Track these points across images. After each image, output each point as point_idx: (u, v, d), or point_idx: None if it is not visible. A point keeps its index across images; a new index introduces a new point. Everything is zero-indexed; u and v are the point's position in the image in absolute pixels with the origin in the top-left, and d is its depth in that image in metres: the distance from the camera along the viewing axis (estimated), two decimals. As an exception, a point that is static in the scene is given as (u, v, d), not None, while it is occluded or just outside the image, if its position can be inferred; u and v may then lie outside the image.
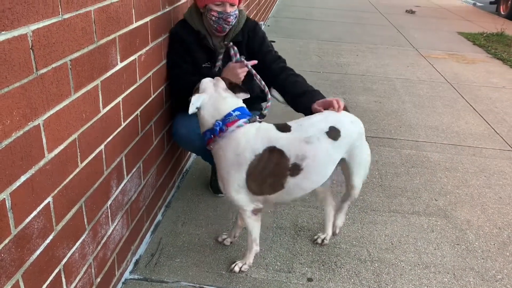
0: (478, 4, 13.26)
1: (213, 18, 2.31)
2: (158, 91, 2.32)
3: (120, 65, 1.82)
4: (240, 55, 2.48)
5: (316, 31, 7.61)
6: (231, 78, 2.31)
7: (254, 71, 2.37)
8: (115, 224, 1.94)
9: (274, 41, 6.76)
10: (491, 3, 11.64)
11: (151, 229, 2.45)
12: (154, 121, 2.31)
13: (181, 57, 2.37)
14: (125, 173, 2.00)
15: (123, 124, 1.92)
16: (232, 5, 2.33)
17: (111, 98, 1.78)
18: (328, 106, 2.15)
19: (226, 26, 2.37)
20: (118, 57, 1.80)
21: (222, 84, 2.02)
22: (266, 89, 2.21)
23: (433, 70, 5.81)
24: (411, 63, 6.07)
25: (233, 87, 2.02)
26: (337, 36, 7.34)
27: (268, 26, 7.89)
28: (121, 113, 1.88)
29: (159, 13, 2.23)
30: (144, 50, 2.07)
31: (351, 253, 2.37)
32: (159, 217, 2.55)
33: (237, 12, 2.41)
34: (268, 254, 2.31)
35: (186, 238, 2.40)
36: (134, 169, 2.11)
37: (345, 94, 4.73)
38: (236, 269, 2.16)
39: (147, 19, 2.08)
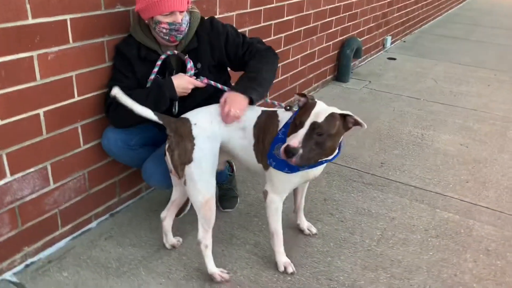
0: None
1: (164, 31, 2.07)
2: (90, 94, 2.20)
3: (-9, 61, 1.76)
4: (197, 62, 2.21)
5: (458, 53, 6.47)
6: (179, 89, 2.12)
7: (213, 83, 2.18)
8: (-20, 220, 1.90)
9: (394, 58, 6.04)
10: None
11: (73, 235, 2.35)
12: (81, 125, 2.20)
13: (121, 72, 2.18)
14: (7, 172, 1.94)
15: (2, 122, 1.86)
16: (181, 12, 2.07)
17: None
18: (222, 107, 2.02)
19: (179, 36, 2.12)
20: (-13, 52, 1.74)
21: None
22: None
23: None
24: (561, 103, 4.65)
25: None
26: (479, 60, 6.11)
27: (404, 42, 7.04)
28: (-3, 110, 1.83)
29: (96, 12, 2.10)
30: (55, 49, 1.97)
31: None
32: (92, 224, 2.44)
33: (187, 17, 2.13)
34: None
35: (96, 254, 2.24)
36: (31, 170, 2.03)
37: (426, 129, 3.87)
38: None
39: (65, 17, 1.98)
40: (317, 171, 2.04)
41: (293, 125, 1.82)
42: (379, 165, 3.23)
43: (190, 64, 2.15)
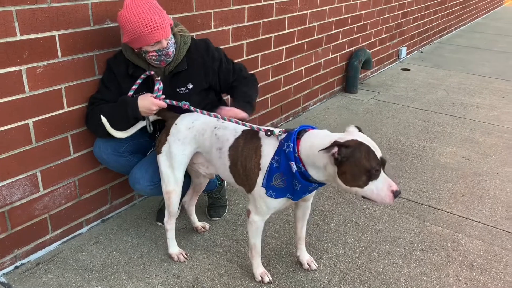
0: None
1: (154, 58, 2.17)
2: (80, 105, 2.31)
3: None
4: (187, 83, 2.29)
5: (477, 64, 6.36)
6: (143, 109, 2.18)
7: (175, 102, 2.18)
8: (-30, 223, 2.03)
9: (408, 69, 5.99)
10: None
11: (64, 240, 2.46)
12: (71, 134, 2.32)
13: (104, 85, 2.30)
14: (-4, 178, 2.07)
15: (-10, 131, 1.99)
16: (166, 38, 2.15)
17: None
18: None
19: (168, 59, 2.22)
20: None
21: None
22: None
23: None
24: None
25: None
26: (499, 71, 5.98)
27: (421, 52, 6.97)
28: (-15, 120, 1.96)
29: (85, 28, 2.22)
30: (43, 63, 2.10)
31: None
32: (83, 229, 2.55)
33: (173, 39, 2.20)
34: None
35: (82, 258, 2.34)
36: (20, 177, 2.16)
37: (429, 141, 3.83)
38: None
39: (53, 33, 2.10)
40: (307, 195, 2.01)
41: (364, 171, 1.76)
42: (375, 177, 3.22)
43: (158, 86, 2.19)
